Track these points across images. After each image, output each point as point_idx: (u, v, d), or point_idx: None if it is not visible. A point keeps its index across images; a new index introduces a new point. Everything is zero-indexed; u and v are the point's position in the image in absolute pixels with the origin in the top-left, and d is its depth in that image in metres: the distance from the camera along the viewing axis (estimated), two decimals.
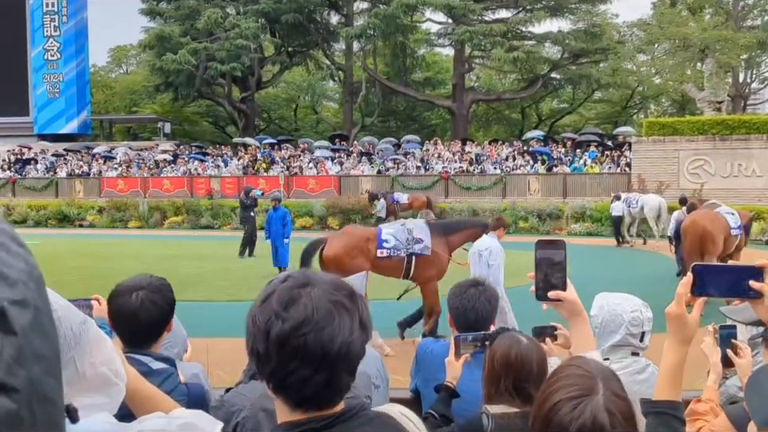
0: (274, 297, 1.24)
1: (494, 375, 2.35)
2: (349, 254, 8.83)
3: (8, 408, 0.54)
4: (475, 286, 3.09)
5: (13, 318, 0.57)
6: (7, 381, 0.54)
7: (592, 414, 1.46)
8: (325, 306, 1.23)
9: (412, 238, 9.08)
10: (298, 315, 1.21)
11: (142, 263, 15.55)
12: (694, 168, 26.15)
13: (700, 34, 33.69)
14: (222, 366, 3.49)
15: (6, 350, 0.55)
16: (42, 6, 42.84)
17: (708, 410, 2.53)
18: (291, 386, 1.23)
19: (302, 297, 1.23)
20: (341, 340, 1.22)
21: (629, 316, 3.01)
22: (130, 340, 2.37)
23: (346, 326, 1.23)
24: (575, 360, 1.71)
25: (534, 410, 1.57)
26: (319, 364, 1.21)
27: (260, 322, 1.23)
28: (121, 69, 64.29)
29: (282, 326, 1.21)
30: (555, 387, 1.53)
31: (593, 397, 1.49)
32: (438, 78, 50.81)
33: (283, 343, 1.20)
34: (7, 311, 0.57)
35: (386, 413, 1.44)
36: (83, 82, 44.64)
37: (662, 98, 48.53)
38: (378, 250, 8.92)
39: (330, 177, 32.16)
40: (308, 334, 1.20)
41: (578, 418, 1.45)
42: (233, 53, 40.27)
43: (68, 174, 36.21)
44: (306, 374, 1.21)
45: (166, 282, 2.54)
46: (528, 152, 32.19)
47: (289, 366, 1.21)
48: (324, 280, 1.28)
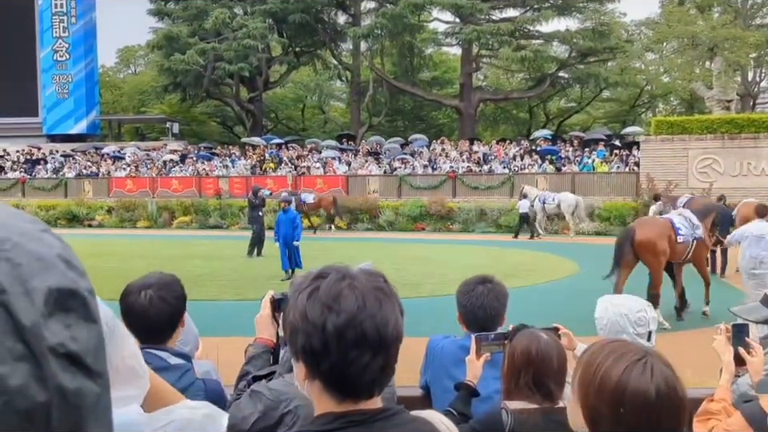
0: (320, 292, 1.27)
1: (515, 371, 2.37)
2: (660, 238, 10.17)
3: (96, 392, 0.58)
4: (483, 284, 3.07)
5: (92, 306, 0.60)
6: (95, 367, 0.58)
7: (661, 371, 1.53)
8: (371, 293, 1.27)
9: (692, 224, 10.51)
10: (350, 306, 1.25)
11: (150, 263, 15.59)
12: (702, 167, 26.03)
13: (709, 32, 33.56)
14: (231, 365, 3.50)
15: (92, 337, 0.59)
16: (51, 7, 43.04)
17: (721, 409, 2.52)
18: (351, 375, 1.26)
19: (347, 288, 1.27)
20: (392, 322, 1.28)
21: (634, 316, 3.01)
22: (144, 337, 2.38)
23: (392, 309, 1.29)
24: (606, 339, 1.78)
25: (594, 385, 1.56)
26: (377, 348, 1.26)
27: (313, 318, 1.25)
28: (129, 69, 64.53)
29: (338, 318, 1.24)
30: (611, 357, 1.56)
31: (652, 356, 1.56)
32: (445, 77, 50.74)
33: (341, 334, 1.24)
34: (87, 300, 0.60)
35: (425, 418, 1.46)
36: (92, 82, 44.83)
37: (671, 96, 48.33)
38: (677, 236, 10.30)
39: (337, 176, 32.19)
40: (364, 321, 1.25)
41: (652, 378, 1.51)
42: (240, 53, 40.35)
43: (77, 174, 36.37)
44: (366, 361, 1.25)
45: (175, 277, 2.56)
46: (536, 151, 32.13)
47: (349, 355, 1.24)
48: (357, 270, 1.32)
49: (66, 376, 0.55)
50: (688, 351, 7.16)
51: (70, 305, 0.58)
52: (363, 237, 24.99)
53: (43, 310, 0.55)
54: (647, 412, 1.51)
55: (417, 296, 11.90)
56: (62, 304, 0.57)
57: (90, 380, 0.57)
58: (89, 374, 0.57)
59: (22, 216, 0.61)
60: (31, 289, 0.56)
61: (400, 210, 28.08)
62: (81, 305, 0.59)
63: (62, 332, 0.56)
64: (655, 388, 1.50)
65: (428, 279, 14.33)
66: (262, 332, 2.62)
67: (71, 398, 0.56)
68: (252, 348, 2.63)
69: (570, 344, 3.19)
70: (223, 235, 26.13)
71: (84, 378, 0.57)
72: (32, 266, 0.57)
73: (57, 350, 0.55)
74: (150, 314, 2.39)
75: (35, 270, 0.57)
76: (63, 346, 0.56)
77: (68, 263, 0.60)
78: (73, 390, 0.56)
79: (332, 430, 1.29)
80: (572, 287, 13.35)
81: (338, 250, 19.78)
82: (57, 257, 0.59)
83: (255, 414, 2.10)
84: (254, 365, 2.55)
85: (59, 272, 0.58)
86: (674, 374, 1.55)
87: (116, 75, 62.60)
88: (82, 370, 0.57)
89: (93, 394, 0.57)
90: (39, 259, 0.58)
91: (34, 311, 0.55)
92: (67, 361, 0.56)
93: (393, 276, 1.37)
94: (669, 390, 1.51)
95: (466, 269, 13.50)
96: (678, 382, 1.55)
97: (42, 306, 0.56)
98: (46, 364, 0.54)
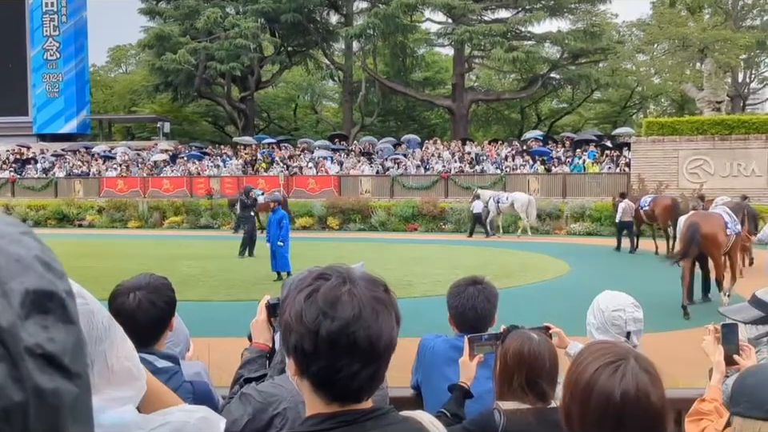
0: (318, 295, 1.26)
1: (508, 372, 2.37)
2: (723, 231, 11.04)
3: (74, 393, 0.58)
4: (474, 285, 3.07)
5: (70, 307, 0.61)
6: (72, 367, 0.58)
7: (633, 375, 1.54)
8: (369, 303, 1.26)
9: (734, 219, 11.46)
10: (346, 313, 1.24)
11: (141, 263, 15.53)
12: (693, 168, 26.15)
13: (699, 33, 33.68)
14: (222, 366, 3.49)
15: (69, 338, 0.59)
16: (42, 5, 42.81)
17: (712, 409, 2.53)
18: (339, 381, 1.26)
19: (346, 295, 1.26)
20: (386, 334, 1.27)
21: (609, 314, 3.01)
22: (131, 340, 2.36)
23: (388, 321, 1.28)
24: (597, 341, 1.80)
25: (571, 384, 1.61)
26: (367, 359, 1.25)
27: (308, 321, 1.25)
28: (120, 68, 64.23)
29: (332, 324, 1.23)
30: (590, 358, 1.60)
31: (629, 360, 1.56)
32: (437, 77, 50.80)
33: (334, 341, 1.23)
34: (66, 302, 0.60)
35: (415, 418, 1.46)
36: (82, 81, 44.62)
37: (662, 97, 48.55)
38: (727, 230, 11.14)
39: (329, 177, 32.16)
40: (357, 331, 1.23)
41: (620, 381, 1.53)
42: (232, 52, 40.26)
43: (67, 173, 36.19)
44: (355, 370, 1.25)
45: (166, 281, 2.54)
46: (527, 152, 32.20)
47: (339, 362, 1.24)
48: (359, 276, 1.31)
49: (43, 377, 0.56)
50: (678, 351, 7.20)
51: (48, 306, 0.58)
52: (355, 237, 24.98)
53: (20, 311, 0.56)
54: (611, 413, 1.53)
55: (409, 296, 11.90)
56: (39, 305, 0.58)
57: (67, 380, 0.58)
58: (66, 374, 0.58)
59: (2, 219, 0.62)
60: (8, 290, 0.56)
61: (392, 211, 28.09)
62: (59, 306, 0.59)
63: (39, 333, 0.57)
64: (621, 391, 1.52)
65: (420, 279, 14.33)
66: (258, 337, 2.63)
67: (48, 398, 0.56)
68: (247, 352, 2.64)
69: (562, 342, 3.21)
70: (214, 235, 26.06)
71: (61, 379, 0.57)
72: (10, 267, 0.57)
73: (34, 351, 0.55)
74: (137, 317, 2.37)
75: (13, 271, 0.57)
76: (40, 347, 0.56)
77: (46, 265, 0.61)
78: (50, 390, 0.56)
79: (323, 430, 1.29)
80: (563, 287, 13.39)
81: (329, 250, 19.77)
82: (35, 258, 0.60)
83: (245, 416, 2.11)
84: (248, 369, 2.55)
85: (37, 274, 0.59)
86: (651, 380, 1.56)
87: (107, 74, 62.30)
88: (60, 370, 0.57)
89: (71, 394, 0.58)
90: (17, 261, 0.58)
91: (11, 312, 0.55)
92: (44, 361, 0.56)
93: (385, 276, 1.36)
94: (638, 395, 1.52)
95: (457, 269, 13.54)
96: (654, 388, 1.55)
97: (19, 308, 0.56)
98: (23, 364, 0.54)
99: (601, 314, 3.02)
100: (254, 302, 2.70)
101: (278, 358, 2.44)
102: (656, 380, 1.56)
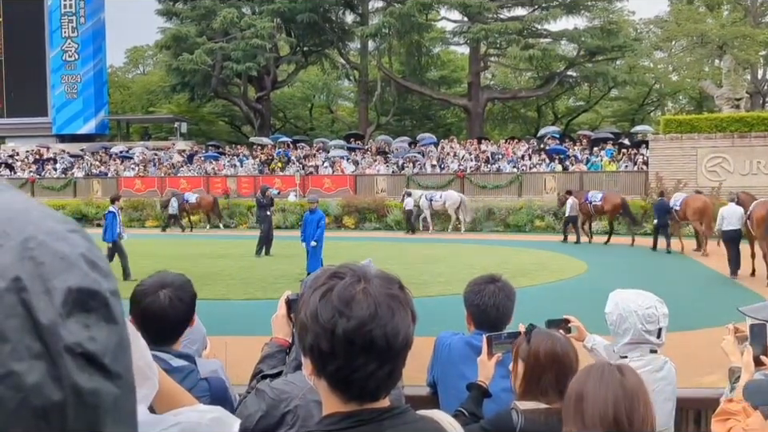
0: (333, 294, 1.25)
1: (537, 371, 2.36)
2: None
3: (114, 394, 0.58)
4: (493, 282, 3.04)
5: (114, 307, 0.60)
6: (113, 367, 0.58)
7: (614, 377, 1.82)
8: (385, 301, 1.25)
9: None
10: (362, 312, 1.23)
11: (159, 262, 15.62)
12: (712, 166, 25.90)
13: (718, 30, 33.40)
14: (239, 364, 3.50)
15: (111, 338, 0.59)
16: (60, 7, 43.24)
17: (740, 409, 2.50)
18: (356, 381, 1.25)
19: (361, 293, 1.25)
20: (402, 332, 1.26)
21: (643, 312, 2.97)
22: (156, 338, 2.33)
23: (404, 319, 1.27)
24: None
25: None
26: (384, 358, 1.24)
27: (323, 320, 1.24)
28: (138, 69, 64.78)
29: (348, 323, 1.22)
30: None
31: (616, 369, 1.77)
32: (453, 76, 50.67)
33: (350, 340, 1.22)
34: (109, 301, 0.60)
35: (432, 417, 1.46)
36: (101, 82, 45.01)
37: (680, 95, 48.14)
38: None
39: (345, 176, 32.21)
40: (374, 330, 1.23)
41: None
42: (248, 52, 40.42)
43: (86, 173, 36.54)
44: (372, 369, 1.24)
45: (186, 278, 2.55)
46: (544, 150, 32.05)
47: (355, 361, 1.23)
48: (374, 274, 1.30)
49: (82, 376, 0.55)
50: (698, 350, 7.13)
51: (91, 305, 0.58)
52: (371, 236, 24.98)
53: (61, 309, 0.56)
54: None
55: (425, 295, 11.88)
56: (81, 304, 0.57)
57: (108, 381, 0.57)
58: (107, 374, 0.57)
59: (53, 216, 0.61)
60: (51, 288, 0.56)
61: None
62: (102, 305, 0.59)
63: (80, 332, 0.56)
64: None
65: (436, 278, 14.30)
66: (278, 332, 2.65)
67: (87, 398, 0.55)
68: (267, 347, 2.66)
69: (581, 335, 3.21)
70: (231, 235, 26.18)
71: (101, 379, 0.57)
72: (54, 265, 0.57)
73: (73, 350, 0.55)
74: (168, 315, 2.38)
75: (57, 269, 0.57)
76: (80, 346, 0.56)
77: (92, 263, 0.60)
78: (89, 389, 0.56)
79: (341, 429, 1.28)
80: (581, 286, 13.31)
81: (345, 249, 19.79)
82: (80, 256, 0.59)
83: (259, 411, 2.14)
84: (267, 363, 2.57)
85: (81, 272, 0.58)
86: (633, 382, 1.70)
87: (124, 75, 62.86)
88: (100, 370, 0.57)
89: (111, 394, 0.57)
90: (62, 258, 0.58)
91: (52, 310, 0.55)
92: (84, 361, 0.56)
93: (400, 275, 1.35)
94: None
95: (473, 268, 13.49)
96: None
97: (61, 306, 0.56)
98: (62, 363, 0.54)
99: (633, 314, 2.96)
100: (271, 301, 2.71)
101: (292, 355, 2.45)
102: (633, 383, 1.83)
